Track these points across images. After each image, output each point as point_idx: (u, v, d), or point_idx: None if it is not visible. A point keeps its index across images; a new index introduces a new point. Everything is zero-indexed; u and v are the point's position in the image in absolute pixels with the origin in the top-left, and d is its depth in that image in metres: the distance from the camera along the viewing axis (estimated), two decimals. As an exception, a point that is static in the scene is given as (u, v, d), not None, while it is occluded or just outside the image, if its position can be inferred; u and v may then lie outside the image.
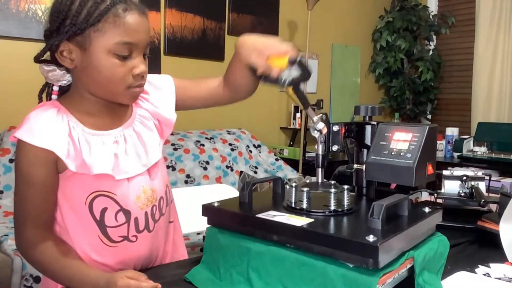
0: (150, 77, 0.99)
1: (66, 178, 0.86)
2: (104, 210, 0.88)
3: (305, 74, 0.85)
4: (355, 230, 0.75)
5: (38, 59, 0.87)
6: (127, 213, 0.90)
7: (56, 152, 0.82)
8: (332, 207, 0.80)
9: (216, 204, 0.87)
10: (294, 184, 0.85)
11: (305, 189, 0.82)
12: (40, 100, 0.92)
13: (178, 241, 1.07)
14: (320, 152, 0.88)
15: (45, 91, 0.93)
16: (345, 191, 0.82)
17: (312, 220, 0.77)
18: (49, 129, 0.83)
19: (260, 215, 0.79)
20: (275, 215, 0.79)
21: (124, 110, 0.95)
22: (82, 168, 0.85)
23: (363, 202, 0.92)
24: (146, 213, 0.93)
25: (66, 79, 0.91)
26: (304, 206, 0.82)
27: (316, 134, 0.88)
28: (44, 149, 0.82)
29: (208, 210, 0.87)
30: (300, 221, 0.76)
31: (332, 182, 0.88)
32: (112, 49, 0.82)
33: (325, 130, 0.87)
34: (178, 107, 1.03)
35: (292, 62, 0.84)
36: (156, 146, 0.97)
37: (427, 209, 0.83)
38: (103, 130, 0.89)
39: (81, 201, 0.87)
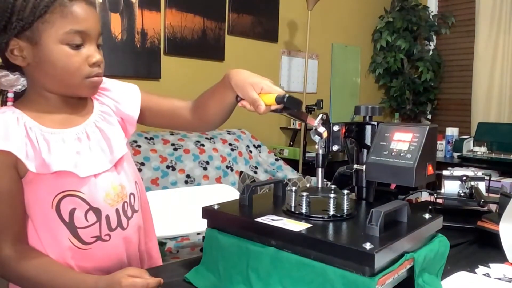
0: (115, 81, 1.01)
1: (28, 182, 0.83)
2: (72, 211, 0.85)
3: (295, 106, 0.84)
4: (352, 236, 0.74)
5: None
6: (97, 212, 0.88)
7: (15, 153, 0.79)
8: (331, 212, 0.80)
9: (216, 207, 0.87)
10: (294, 189, 0.85)
11: (305, 193, 0.82)
12: None
13: (150, 233, 1.04)
14: (320, 152, 0.88)
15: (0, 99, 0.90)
16: (345, 196, 0.82)
17: (310, 225, 0.76)
18: (5, 131, 0.81)
19: (259, 219, 0.79)
20: (273, 219, 0.79)
21: (83, 105, 0.93)
22: (42, 167, 0.82)
23: (363, 206, 0.92)
24: (117, 210, 0.91)
25: (20, 83, 0.89)
26: (303, 210, 0.81)
27: (316, 138, 0.88)
28: (3, 151, 0.79)
29: (208, 212, 0.87)
30: (298, 226, 0.76)
31: (332, 186, 0.88)
32: (63, 39, 0.82)
33: (325, 134, 0.88)
34: (141, 120, 1.02)
35: (279, 102, 0.82)
36: (121, 141, 0.95)
37: (427, 215, 0.83)
38: (63, 128, 0.87)
39: (47, 205, 0.84)
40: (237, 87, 0.88)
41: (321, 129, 0.87)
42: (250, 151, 3.04)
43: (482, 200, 1.17)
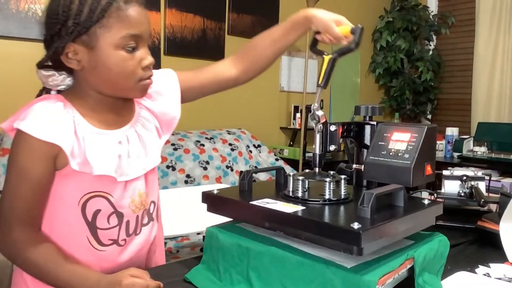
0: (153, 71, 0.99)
1: (63, 175, 0.83)
2: (97, 212, 0.86)
3: (359, 40, 0.94)
4: (343, 218, 0.76)
5: (42, 65, 0.85)
6: (120, 216, 0.88)
7: (63, 147, 0.79)
8: (327, 196, 0.81)
9: (215, 192, 0.89)
10: (292, 174, 0.87)
11: (301, 177, 0.83)
12: None
13: (159, 241, 1.05)
14: (317, 151, 0.89)
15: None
16: (342, 181, 0.83)
17: (304, 208, 0.77)
18: (55, 123, 0.80)
19: (253, 202, 0.81)
20: (268, 203, 0.80)
21: (128, 108, 0.93)
22: (84, 167, 0.82)
23: (362, 192, 0.92)
24: (137, 216, 0.92)
25: (65, 83, 0.88)
26: (300, 194, 0.82)
27: (313, 122, 0.88)
28: (48, 143, 0.79)
29: (207, 196, 0.90)
30: (291, 208, 0.77)
31: (331, 172, 0.88)
32: (119, 44, 0.81)
33: (323, 119, 0.88)
34: (185, 99, 1.01)
35: (353, 32, 0.95)
36: (156, 150, 0.95)
37: (426, 201, 0.84)
38: (107, 129, 0.87)
39: (74, 201, 0.84)
40: (321, 24, 1.02)
41: (320, 113, 0.87)
42: (250, 151, 3.04)
43: (482, 200, 1.16)
